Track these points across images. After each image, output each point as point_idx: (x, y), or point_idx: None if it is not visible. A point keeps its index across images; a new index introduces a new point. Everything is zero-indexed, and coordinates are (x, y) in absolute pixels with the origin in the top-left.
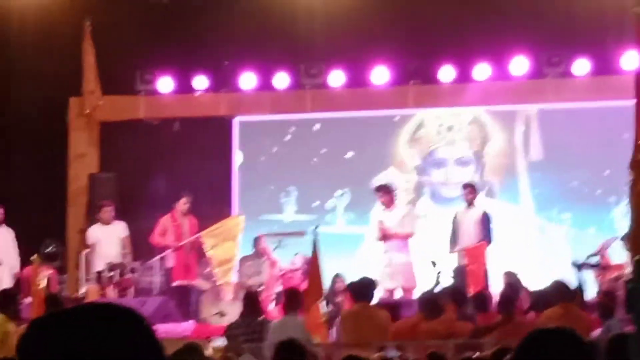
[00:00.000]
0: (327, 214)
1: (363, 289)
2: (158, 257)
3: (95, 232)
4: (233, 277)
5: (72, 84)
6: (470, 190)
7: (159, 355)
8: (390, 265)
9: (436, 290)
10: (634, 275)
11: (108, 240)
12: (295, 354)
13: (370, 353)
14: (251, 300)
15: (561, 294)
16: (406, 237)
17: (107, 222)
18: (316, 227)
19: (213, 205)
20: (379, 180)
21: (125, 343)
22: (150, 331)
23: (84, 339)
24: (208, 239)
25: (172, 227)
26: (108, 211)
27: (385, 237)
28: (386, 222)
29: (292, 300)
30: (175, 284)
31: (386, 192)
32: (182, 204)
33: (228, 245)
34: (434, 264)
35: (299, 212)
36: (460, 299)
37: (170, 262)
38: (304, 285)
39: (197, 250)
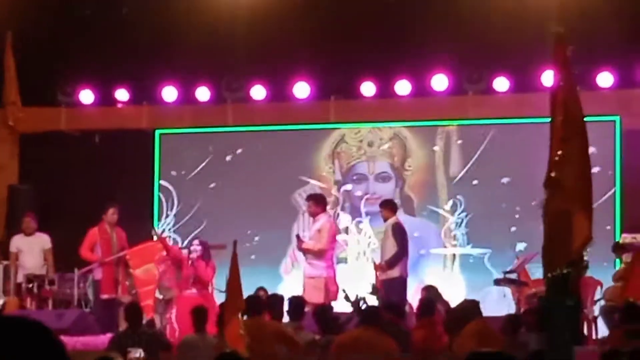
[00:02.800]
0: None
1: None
2: (84, 269)
3: (17, 242)
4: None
5: None
6: (385, 207)
7: None
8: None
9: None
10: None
11: (29, 251)
12: None
13: None
14: (133, 311)
15: (474, 312)
16: (317, 252)
17: (29, 233)
18: (235, 241)
19: (136, 219)
20: (302, 192)
21: (31, 355)
22: (58, 344)
23: None
24: (133, 258)
25: (101, 239)
26: (27, 222)
27: (300, 249)
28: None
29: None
30: (104, 297)
31: (316, 202)
32: (110, 214)
33: (149, 268)
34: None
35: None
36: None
37: (98, 275)
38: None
39: (125, 264)
